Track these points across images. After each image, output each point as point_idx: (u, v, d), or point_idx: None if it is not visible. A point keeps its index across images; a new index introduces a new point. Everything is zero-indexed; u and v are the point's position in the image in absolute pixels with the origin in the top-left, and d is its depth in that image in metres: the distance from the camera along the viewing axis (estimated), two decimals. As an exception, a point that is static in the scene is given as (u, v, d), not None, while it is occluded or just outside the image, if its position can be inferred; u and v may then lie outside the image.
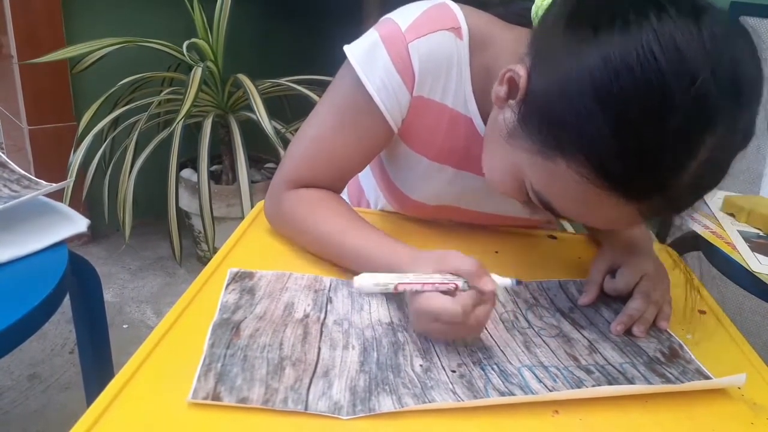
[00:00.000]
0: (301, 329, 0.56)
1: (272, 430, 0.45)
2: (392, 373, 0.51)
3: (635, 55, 0.45)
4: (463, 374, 0.53)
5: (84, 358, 0.95)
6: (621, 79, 0.45)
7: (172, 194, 1.72)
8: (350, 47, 0.67)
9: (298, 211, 0.70)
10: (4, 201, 0.75)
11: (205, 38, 1.84)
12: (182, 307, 0.58)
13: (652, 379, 0.55)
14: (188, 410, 0.46)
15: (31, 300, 0.63)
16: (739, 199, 1.04)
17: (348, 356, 0.53)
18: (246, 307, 0.58)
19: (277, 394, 0.47)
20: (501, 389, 0.51)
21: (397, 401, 0.48)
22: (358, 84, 0.66)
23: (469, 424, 0.48)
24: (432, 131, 0.70)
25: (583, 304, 0.66)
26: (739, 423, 0.51)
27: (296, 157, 0.72)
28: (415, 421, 0.47)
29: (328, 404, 0.47)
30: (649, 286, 0.63)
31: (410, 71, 0.65)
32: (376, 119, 0.67)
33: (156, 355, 0.51)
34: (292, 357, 0.52)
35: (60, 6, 1.85)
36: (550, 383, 0.52)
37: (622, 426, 0.49)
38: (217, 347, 0.52)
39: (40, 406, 1.40)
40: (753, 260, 0.88)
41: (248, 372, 0.49)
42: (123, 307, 1.81)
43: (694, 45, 0.45)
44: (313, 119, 0.71)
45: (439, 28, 0.65)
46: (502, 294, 0.67)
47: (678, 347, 0.60)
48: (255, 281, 0.63)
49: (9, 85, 1.91)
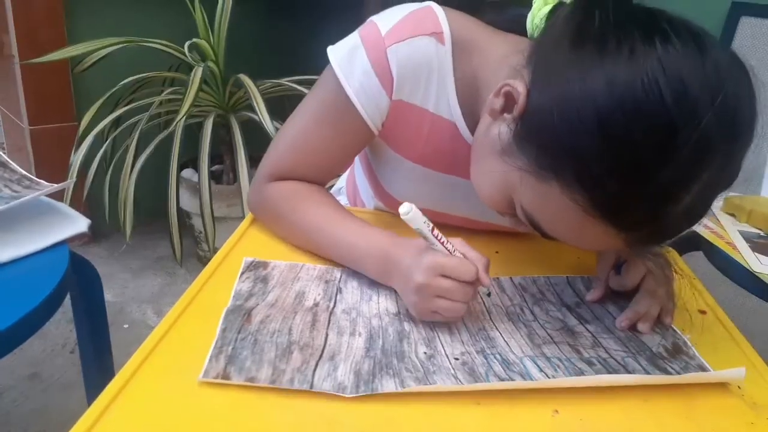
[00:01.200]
0: (310, 317, 0.58)
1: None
2: (396, 359, 0.53)
3: (640, 84, 0.44)
4: (466, 362, 0.54)
5: (85, 358, 0.95)
6: (624, 108, 0.45)
7: (172, 194, 1.72)
8: (333, 48, 0.68)
9: (281, 202, 0.72)
10: (5, 201, 0.75)
11: (206, 38, 1.84)
12: (183, 306, 0.58)
13: (653, 372, 0.55)
14: (188, 409, 0.46)
15: (32, 300, 0.63)
16: (740, 199, 1.04)
17: (354, 342, 0.55)
18: (258, 295, 0.61)
19: (284, 374, 0.49)
20: (502, 376, 0.52)
21: (399, 384, 0.50)
22: (338, 85, 0.67)
23: (467, 418, 0.48)
24: (413, 134, 0.70)
25: (592, 301, 0.67)
26: (740, 423, 0.51)
27: (280, 150, 0.74)
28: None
29: (332, 384, 0.49)
30: (655, 283, 0.63)
31: (389, 75, 0.65)
32: (356, 120, 0.68)
33: (156, 354, 0.51)
34: (300, 342, 0.54)
35: (61, 6, 1.85)
36: (551, 372, 0.53)
37: (622, 426, 0.49)
38: (228, 332, 0.54)
39: (41, 405, 1.40)
40: (753, 260, 0.88)
41: (257, 354, 0.51)
42: (123, 307, 1.81)
43: (699, 79, 0.45)
44: (297, 115, 0.73)
45: (419, 33, 0.65)
46: (509, 288, 0.69)
47: (682, 344, 0.60)
48: (269, 270, 0.66)
49: (10, 85, 1.91)
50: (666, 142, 0.44)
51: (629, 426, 0.49)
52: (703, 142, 0.45)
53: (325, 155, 0.72)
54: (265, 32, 2.36)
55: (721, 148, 0.46)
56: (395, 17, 0.66)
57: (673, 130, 0.44)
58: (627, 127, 0.45)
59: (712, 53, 0.46)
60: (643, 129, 0.45)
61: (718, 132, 0.45)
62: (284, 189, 0.72)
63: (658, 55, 0.45)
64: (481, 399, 0.50)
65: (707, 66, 0.45)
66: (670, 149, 0.45)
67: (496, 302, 0.65)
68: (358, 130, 0.69)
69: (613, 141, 0.45)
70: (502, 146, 0.54)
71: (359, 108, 0.67)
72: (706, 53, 0.46)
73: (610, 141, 0.45)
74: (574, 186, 0.48)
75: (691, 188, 0.46)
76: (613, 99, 0.45)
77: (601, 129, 0.45)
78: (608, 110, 0.45)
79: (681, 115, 0.44)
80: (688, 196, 0.47)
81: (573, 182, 0.48)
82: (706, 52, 0.46)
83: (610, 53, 0.46)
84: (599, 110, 0.45)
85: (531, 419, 0.49)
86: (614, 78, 0.45)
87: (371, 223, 0.68)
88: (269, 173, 0.73)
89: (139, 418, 0.45)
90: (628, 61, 0.45)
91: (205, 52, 1.84)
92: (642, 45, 0.46)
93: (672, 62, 0.45)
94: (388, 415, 0.47)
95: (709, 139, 0.45)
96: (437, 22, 0.65)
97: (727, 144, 0.46)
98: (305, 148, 0.72)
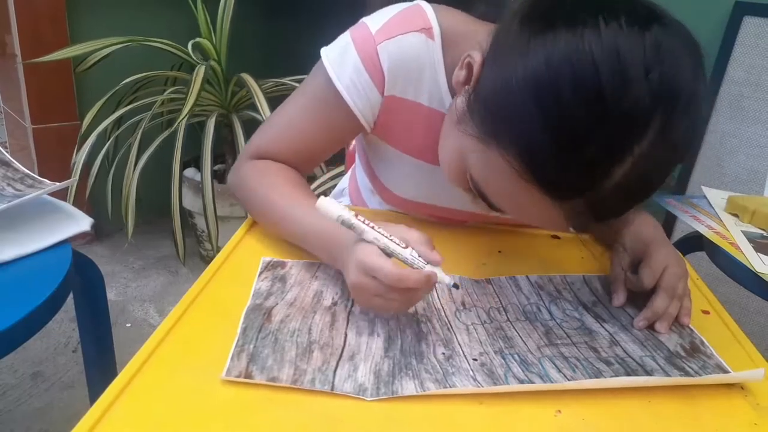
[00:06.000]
0: (329, 316, 0.59)
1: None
2: (415, 359, 0.54)
3: (575, 56, 0.45)
4: (484, 363, 0.54)
5: (87, 357, 0.95)
6: (558, 75, 0.46)
7: (175, 193, 1.72)
8: (326, 49, 0.70)
9: (251, 177, 0.73)
10: (8, 200, 0.76)
11: (208, 37, 1.84)
12: (185, 305, 0.58)
13: (671, 372, 0.55)
14: (190, 409, 0.46)
15: (34, 298, 0.63)
16: (743, 200, 1.04)
17: (373, 342, 0.56)
18: (277, 294, 0.62)
19: (305, 375, 0.50)
20: (521, 377, 0.52)
21: (419, 385, 0.50)
22: (329, 82, 0.68)
23: (470, 418, 0.48)
24: (409, 129, 0.72)
25: (618, 305, 0.66)
26: (742, 423, 0.51)
27: (265, 135, 0.75)
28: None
29: (353, 386, 0.49)
30: (674, 281, 0.64)
31: (380, 72, 0.67)
32: (347, 115, 0.69)
33: (159, 353, 0.51)
34: (320, 341, 0.55)
35: (64, 5, 1.85)
36: (570, 373, 0.53)
37: (624, 426, 0.49)
38: (249, 330, 0.55)
39: (44, 404, 1.41)
40: (757, 261, 0.88)
41: (278, 354, 0.52)
42: (126, 306, 1.81)
43: (635, 52, 0.45)
44: (286, 107, 0.74)
45: (408, 30, 0.66)
46: (526, 287, 0.69)
47: (699, 343, 0.61)
48: (287, 270, 0.67)
49: (13, 84, 1.91)
50: (595, 109, 0.45)
51: (632, 426, 0.49)
52: (633, 114, 0.45)
53: (310, 144, 0.73)
54: (268, 31, 2.36)
55: (653, 117, 0.46)
56: (385, 16, 0.68)
57: (602, 98, 0.45)
58: (558, 92, 0.46)
59: (657, 32, 0.46)
60: (573, 95, 0.45)
61: (650, 105, 0.45)
62: (258, 165, 0.73)
63: (600, 30, 0.46)
64: (484, 399, 0.50)
65: (647, 42, 0.45)
66: (599, 117, 0.45)
67: (513, 301, 0.66)
68: (347, 123, 0.70)
69: (545, 105, 0.46)
70: (458, 116, 0.55)
71: (351, 104, 0.68)
72: (650, 31, 0.46)
73: (542, 105, 0.46)
74: (509, 149, 0.49)
75: (624, 160, 0.46)
76: (549, 67, 0.46)
77: (536, 96, 0.46)
78: (543, 76, 0.46)
79: (611, 85, 0.44)
80: (619, 167, 0.46)
81: (509, 145, 0.49)
82: (650, 31, 0.46)
83: (553, 27, 0.47)
84: (536, 76, 0.47)
85: (533, 419, 0.49)
86: (553, 48, 0.46)
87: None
88: (251, 153, 0.75)
89: (141, 416, 0.45)
90: (568, 34, 0.46)
91: (208, 51, 1.84)
92: (585, 20, 0.46)
93: (610, 36, 0.45)
94: (389, 415, 0.47)
95: (640, 110, 0.45)
96: (426, 18, 0.67)
97: (662, 119, 0.46)
98: (291, 135, 0.73)
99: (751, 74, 1.68)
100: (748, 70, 1.67)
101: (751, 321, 1.68)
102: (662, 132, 0.46)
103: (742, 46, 1.67)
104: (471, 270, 0.72)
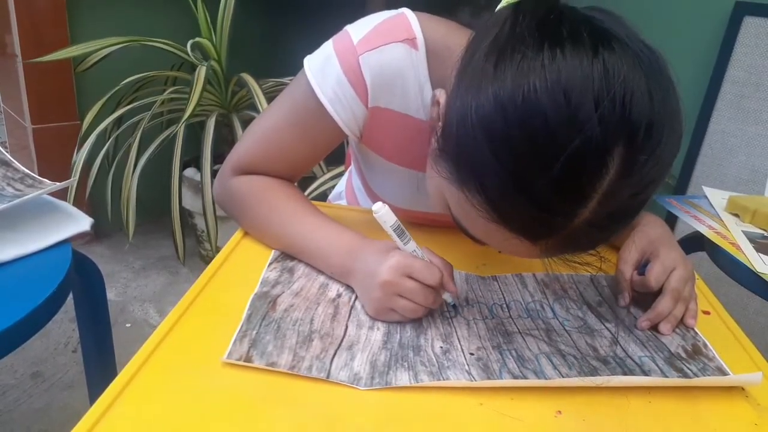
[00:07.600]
0: (332, 308, 0.60)
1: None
2: (412, 352, 0.55)
3: (521, 94, 0.43)
4: (481, 357, 0.55)
5: (87, 357, 0.95)
6: (506, 121, 0.43)
7: (175, 193, 1.72)
8: (309, 59, 0.68)
9: (249, 196, 0.72)
10: (7, 200, 0.75)
11: (208, 37, 1.84)
12: (185, 306, 0.58)
13: (669, 373, 0.55)
14: (190, 409, 0.46)
15: (34, 298, 0.63)
16: (744, 200, 1.04)
17: (373, 335, 0.57)
18: (284, 284, 0.64)
19: (303, 361, 0.52)
20: (515, 373, 0.53)
21: (413, 377, 0.51)
22: (312, 93, 0.66)
23: (470, 419, 0.48)
24: (397, 140, 0.70)
25: (625, 306, 0.66)
26: (743, 423, 0.51)
27: (248, 144, 0.73)
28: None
29: (348, 374, 0.51)
30: (680, 283, 0.63)
31: (362, 83, 0.65)
32: (329, 125, 0.68)
33: (158, 353, 0.51)
34: (321, 331, 0.56)
35: (64, 5, 1.85)
36: (566, 371, 0.53)
37: (625, 427, 0.49)
38: (254, 317, 0.57)
39: (43, 404, 1.41)
40: (757, 261, 0.88)
41: (279, 341, 0.54)
42: (126, 306, 1.81)
43: (582, 84, 0.42)
44: (268, 114, 0.72)
45: (391, 41, 0.64)
46: (531, 284, 0.70)
47: (702, 345, 0.60)
48: (295, 262, 0.69)
49: (13, 84, 1.91)
50: (546, 152, 0.42)
51: (632, 426, 0.49)
52: (587, 151, 0.42)
53: (294, 153, 0.72)
54: (268, 31, 2.36)
55: (613, 156, 0.43)
56: (369, 25, 0.66)
57: (552, 140, 0.42)
58: (509, 137, 0.43)
59: (606, 58, 0.43)
60: (523, 140, 0.43)
61: (605, 140, 0.42)
62: (253, 182, 0.72)
63: (543, 62, 0.43)
64: (484, 399, 0.50)
65: (596, 69, 0.42)
66: (551, 159, 0.42)
67: (517, 298, 0.66)
68: (331, 133, 0.69)
69: (498, 151, 0.44)
70: (432, 157, 0.54)
71: (335, 117, 0.66)
72: (599, 55, 0.43)
73: (495, 151, 0.44)
74: (476, 196, 0.47)
75: (589, 198, 0.44)
76: (497, 110, 0.44)
77: (488, 140, 0.44)
78: (493, 121, 0.44)
79: (559, 125, 0.42)
80: (586, 209, 0.44)
81: (474, 192, 0.47)
82: (599, 54, 0.43)
83: (502, 60, 0.45)
84: (487, 121, 0.44)
85: (533, 420, 0.49)
86: (501, 89, 0.44)
87: (337, 221, 0.68)
88: (236, 166, 0.73)
89: (141, 416, 0.45)
90: (516, 71, 0.44)
91: (208, 51, 1.84)
92: (531, 52, 0.44)
93: (554, 69, 0.43)
94: (389, 415, 0.47)
95: (595, 147, 0.42)
96: (410, 28, 0.65)
97: (622, 152, 0.43)
98: (275, 145, 0.72)
99: (751, 74, 1.68)
100: (749, 70, 1.68)
101: (752, 321, 1.68)
102: (625, 164, 0.43)
103: (743, 46, 1.67)
104: (472, 270, 0.72)
